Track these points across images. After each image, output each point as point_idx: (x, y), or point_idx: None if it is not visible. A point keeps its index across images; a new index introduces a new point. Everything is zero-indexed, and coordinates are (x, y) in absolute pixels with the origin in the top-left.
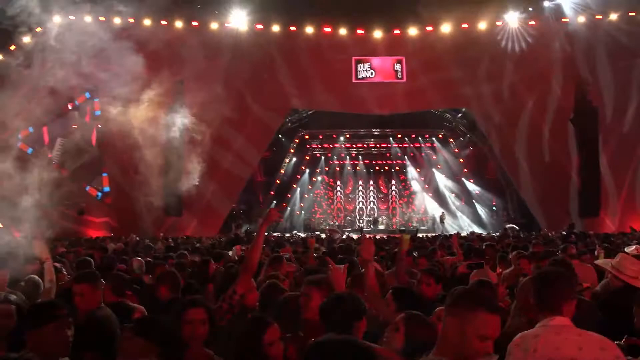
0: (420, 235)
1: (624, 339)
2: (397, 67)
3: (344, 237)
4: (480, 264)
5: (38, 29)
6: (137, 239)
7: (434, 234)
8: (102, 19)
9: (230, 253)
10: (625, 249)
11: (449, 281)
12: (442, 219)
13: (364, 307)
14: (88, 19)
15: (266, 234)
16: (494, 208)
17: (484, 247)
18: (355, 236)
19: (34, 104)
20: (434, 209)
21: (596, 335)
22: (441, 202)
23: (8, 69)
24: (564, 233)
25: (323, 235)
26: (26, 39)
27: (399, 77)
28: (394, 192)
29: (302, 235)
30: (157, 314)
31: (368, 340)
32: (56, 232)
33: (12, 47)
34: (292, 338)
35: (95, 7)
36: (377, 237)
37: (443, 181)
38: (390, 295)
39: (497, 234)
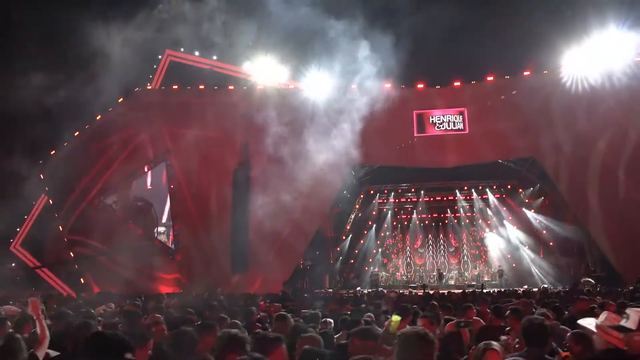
0: (485, 290)
1: None
2: (459, 118)
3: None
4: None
5: (120, 99)
6: (194, 294)
7: (501, 289)
8: (176, 87)
9: None
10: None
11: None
12: (500, 274)
13: None
14: (162, 87)
15: (329, 290)
16: (572, 260)
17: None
18: (419, 292)
19: (115, 168)
20: (506, 263)
21: None
22: (513, 255)
23: (96, 138)
24: (631, 288)
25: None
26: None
27: (461, 128)
28: (464, 245)
29: (365, 291)
30: None
31: None
32: (129, 289)
33: (98, 117)
34: None
35: (167, 77)
36: (441, 292)
37: (514, 233)
38: None
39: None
